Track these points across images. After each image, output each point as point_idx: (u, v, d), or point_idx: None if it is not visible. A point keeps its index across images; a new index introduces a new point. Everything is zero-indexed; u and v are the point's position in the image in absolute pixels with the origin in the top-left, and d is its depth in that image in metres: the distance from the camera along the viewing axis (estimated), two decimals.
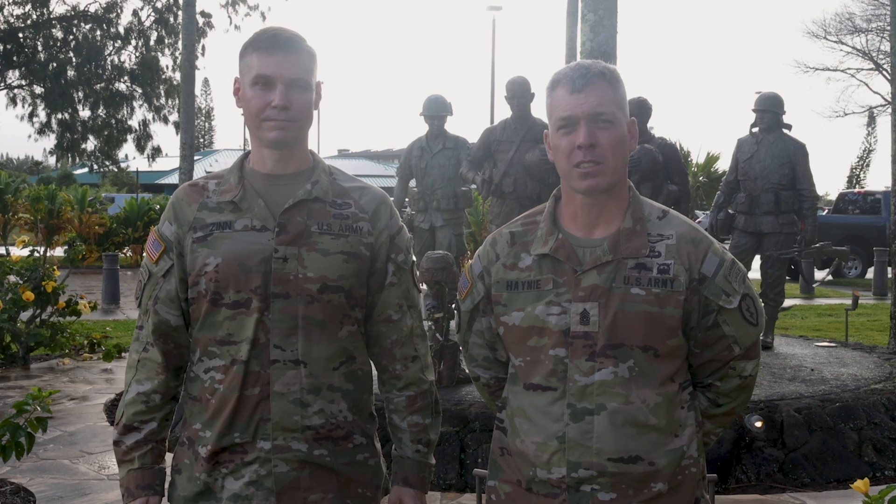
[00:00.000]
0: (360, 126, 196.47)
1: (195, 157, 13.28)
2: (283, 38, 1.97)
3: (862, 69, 35.37)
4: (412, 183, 8.04)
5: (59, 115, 27.76)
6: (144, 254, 2.08)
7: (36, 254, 8.48)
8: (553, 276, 1.89)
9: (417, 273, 2.15)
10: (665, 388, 1.87)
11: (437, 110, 7.69)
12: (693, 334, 1.89)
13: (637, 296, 1.84)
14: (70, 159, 31.22)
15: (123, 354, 8.27)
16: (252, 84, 1.96)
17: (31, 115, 27.95)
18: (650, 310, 1.83)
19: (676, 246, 1.87)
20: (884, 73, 32.84)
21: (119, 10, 27.56)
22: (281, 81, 1.94)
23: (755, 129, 7.25)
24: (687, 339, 1.89)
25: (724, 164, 19.34)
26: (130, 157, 39.06)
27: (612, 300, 1.84)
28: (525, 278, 1.92)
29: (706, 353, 1.91)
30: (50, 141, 30.38)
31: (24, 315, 8.13)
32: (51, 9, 27.20)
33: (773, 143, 7.07)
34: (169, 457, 2.06)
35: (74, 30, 27.39)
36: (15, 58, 26.98)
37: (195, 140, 15.14)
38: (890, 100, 10.79)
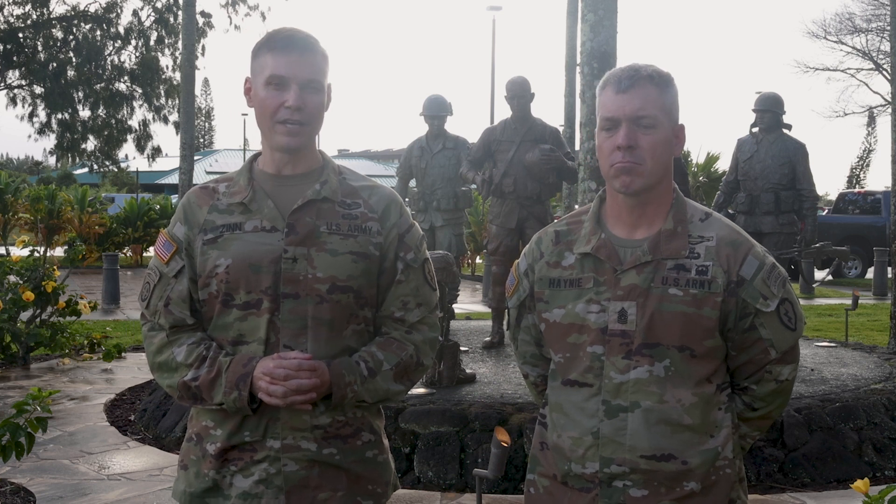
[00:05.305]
0: (360, 126, 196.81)
1: (195, 157, 13.29)
2: (299, 38, 1.97)
3: (862, 69, 35.39)
4: (412, 183, 8.05)
5: (59, 115, 27.80)
6: (153, 255, 2.08)
7: (36, 254, 8.47)
8: (594, 275, 1.93)
9: (431, 271, 2.12)
10: (701, 388, 1.89)
11: (436, 110, 7.69)
12: (730, 336, 1.91)
13: (674, 296, 1.87)
14: (70, 159, 31.24)
15: (123, 354, 8.28)
16: (266, 84, 1.96)
17: (31, 115, 28.02)
18: (687, 310, 1.86)
19: (716, 248, 1.90)
20: (884, 73, 32.84)
21: (119, 10, 27.64)
22: (295, 82, 1.94)
23: (755, 129, 7.24)
24: (725, 340, 1.91)
25: (724, 164, 19.33)
26: (130, 157, 39.18)
27: (649, 300, 1.87)
28: (567, 276, 1.96)
29: (742, 356, 1.93)
30: (50, 141, 30.45)
31: (24, 315, 8.12)
32: (51, 9, 27.24)
33: (773, 143, 7.07)
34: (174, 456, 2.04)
35: (74, 30, 27.43)
36: (15, 58, 27.01)
37: (195, 140, 15.15)
38: (890, 100, 10.79)
